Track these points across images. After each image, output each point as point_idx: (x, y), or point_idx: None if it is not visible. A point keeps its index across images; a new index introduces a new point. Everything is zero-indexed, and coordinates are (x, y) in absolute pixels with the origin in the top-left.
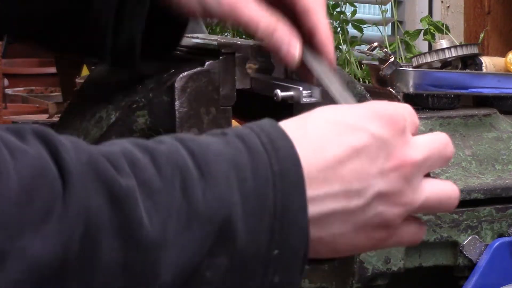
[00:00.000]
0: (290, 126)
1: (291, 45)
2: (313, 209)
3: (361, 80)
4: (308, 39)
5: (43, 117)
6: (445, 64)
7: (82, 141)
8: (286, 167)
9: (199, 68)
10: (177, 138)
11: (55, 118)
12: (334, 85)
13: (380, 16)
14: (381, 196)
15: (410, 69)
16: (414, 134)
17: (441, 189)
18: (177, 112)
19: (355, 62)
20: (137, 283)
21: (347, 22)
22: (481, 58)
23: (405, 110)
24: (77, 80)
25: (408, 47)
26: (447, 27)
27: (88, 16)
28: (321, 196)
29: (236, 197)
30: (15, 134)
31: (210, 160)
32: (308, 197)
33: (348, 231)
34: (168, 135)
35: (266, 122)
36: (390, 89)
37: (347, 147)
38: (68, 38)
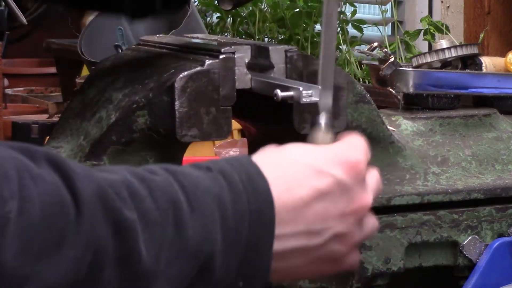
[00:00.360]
0: (265, 163)
1: None
2: (277, 246)
3: (361, 80)
4: None
5: (43, 117)
6: (445, 64)
7: (90, 169)
8: (262, 208)
9: (199, 68)
10: (169, 171)
11: (55, 118)
12: (326, 70)
13: (380, 16)
14: (337, 237)
15: (410, 69)
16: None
17: (373, 224)
18: (177, 112)
19: (355, 62)
20: None
21: (347, 22)
22: (481, 58)
23: (360, 148)
24: (77, 80)
25: (408, 47)
26: (447, 27)
27: None
28: (286, 235)
29: (218, 234)
30: (30, 158)
31: (199, 196)
32: (275, 235)
33: (304, 264)
34: (158, 166)
35: (244, 159)
36: (390, 89)
37: (313, 191)
38: None
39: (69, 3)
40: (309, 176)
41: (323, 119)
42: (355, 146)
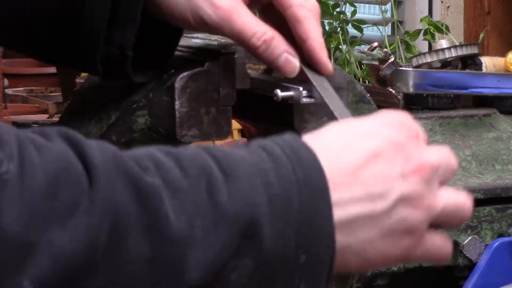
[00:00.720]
0: (308, 137)
1: (290, 54)
2: (338, 214)
3: (361, 80)
4: (300, 47)
5: (43, 117)
6: (445, 64)
7: (107, 143)
8: (310, 175)
9: (199, 68)
10: (200, 146)
11: (55, 118)
12: (333, 102)
13: (380, 16)
14: (404, 199)
15: (410, 69)
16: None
17: (457, 197)
18: (177, 112)
19: (355, 62)
20: (164, 279)
21: (347, 22)
22: (481, 58)
23: (411, 119)
24: (77, 80)
25: (408, 47)
26: (447, 27)
27: (79, 25)
28: (345, 200)
29: (262, 199)
30: (41, 134)
31: (233, 164)
32: (333, 201)
33: (376, 237)
34: (191, 146)
35: (287, 135)
36: (390, 89)
37: (365, 152)
38: (59, 48)
39: (40, 56)
40: (358, 139)
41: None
42: (396, 112)
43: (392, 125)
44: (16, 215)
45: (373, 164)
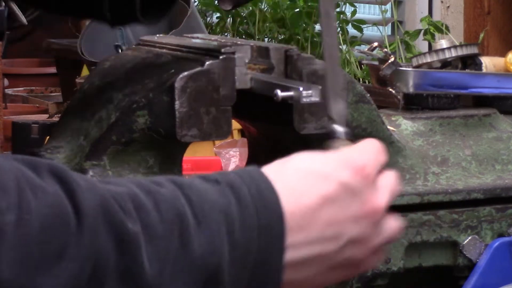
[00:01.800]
0: (271, 174)
1: None
2: (290, 255)
3: (361, 80)
4: None
5: (43, 117)
6: (445, 64)
7: (95, 180)
8: (271, 221)
9: (199, 68)
10: (176, 183)
11: (55, 118)
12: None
13: (380, 16)
14: (353, 241)
15: (410, 69)
16: (379, 175)
17: (394, 227)
18: (177, 112)
19: (355, 62)
20: None
21: (347, 22)
22: (481, 58)
23: (372, 153)
24: (77, 80)
25: (408, 47)
26: (447, 27)
27: None
28: (298, 243)
29: (225, 247)
30: (32, 169)
31: (205, 210)
32: (287, 244)
33: (321, 272)
34: (165, 177)
35: (254, 171)
36: (390, 89)
37: (321, 197)
38: None
39: (48, 8)
40: (314, 182)
41: (340, 127)
42: (362, 149)
43: (351, 170)
44: (12, 264)
45: (327, 208)
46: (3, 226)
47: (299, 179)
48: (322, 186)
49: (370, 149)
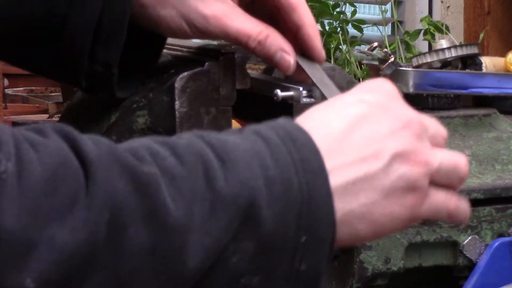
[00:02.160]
0: (299, 119)
1: (285, 51)
2: (334, 181)
3: (361, 80)
4: (294, 35)
5: (43, 117)
6: (445, 64)
7: (102, 137)
8: (306, 156)
9: (199, 68)
10: (195, 134)
11: (55, 118)
12: (328, 88)
13: (380, 16)
14: (399, 156)
15: (410, 69)
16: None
17: (453, 156)
18: (177, 112)
19: (355, 62)
20: (165, 267)
21: (347, 22)
22: (481, 58)
23: (383, 79)
24: None
25: (408, 47)
26: (447, 27)
27: (63, 36)
28: (339, 166)
29: (259, 182)
30: (36, 131)
31: (229, 150)
32: (328, 170)
33: (378, 198)
34: (185, 133)
35: (280, 119)
36: None
37: (351, 118)
38: (43, 60)
39: (25, 66)
40: (340, 109)
41: None
42: (369, 81)
43: (372, 90)
44: (16, 214)
45: (360, 127)
46: (2, 175)
47: (325, 111)
48: (349, 109)
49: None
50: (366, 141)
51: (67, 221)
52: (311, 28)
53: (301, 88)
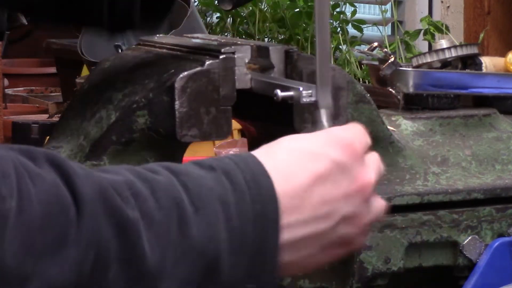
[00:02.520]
0: (262, 157)
1: None
2: (286, 237)
3: (361, 80)
4: None
5: (43, 117)
6: (445, 64)
7: (92, 170)
8: (266, 207)
9: (199, 68)
10: (171, 171)
11: (55, 118)
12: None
13: (380, 16)
14: (346, 219)
15: (410, 69)
16: (365, 153)
17: (381, 205)
18: (177, 112)
19: (355, 62)
20: None
21: (347, 22)
22: (481, 58)
23: (357, 132)
24: (77, 80)
25: (408, 47)
26: (447, 27)
27: None
28: (293, 224)
29: (224, 234)
30: (29, 158)
31: (202, 196)
32: (282, 226)
33: (316, 252)
34: (160, 164)
35: (248, 157)
36: (390, 89)
37: (313, 174)
38: (67, 5)
39: (48, 18)
40: (305, 161)
41: (323, 117)
42: (348, 128)
43: (340, 146)
44: (15, 250)
45: (319, 186)
46: (5, 213)
47: (289, 159)
48: (313, 165)
49: (354, 128)
50: (322, 201)
51: (57, 258)
52: None
53: (301, 88)
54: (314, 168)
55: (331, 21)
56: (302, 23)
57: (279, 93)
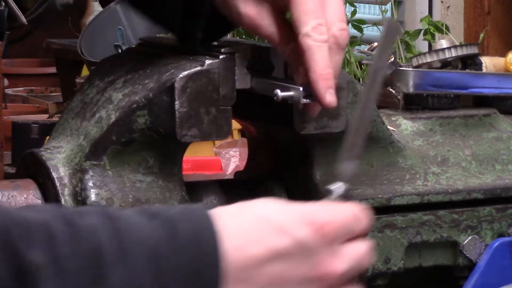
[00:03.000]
0: (222, 217)
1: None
2: None
3: (361, 80)
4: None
5: (43, 117)
6: (445, 64)
7: (5, 207)
8: (204, 267)
9: (199, 68)
10: (107, 216)
11: (55, 118)
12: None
13: (380, 16)
14: None
15: (410, 69)
16: (360, 234)
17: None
18: (177, 112)
19: (355, 62)
20: None
21: (347, 22)
22: (481, 58)
23: (343, 216)
24: (77, 80)
25: (408, 47)
26: (447, 27)
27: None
28: None
29: (148, 286)
30: None
31: (132, 245)
32: None
33: None
34: (96, 208)
35: (200, 210)
36: (390, 89)
37: (269, 250)
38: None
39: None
40: (267, 233)
41: (338, 190)
42: (330, 208)
43: (311, 227)
44: None
45: (273, 264)
46: None
47: (251, 227)
48: (274, 239)
49: (341, 211)
50: (271, 280)
51: None
52: (315, 73)
53: (301, 88)
54: (273, 243)
55: None
56: None
57: (279, 93)
